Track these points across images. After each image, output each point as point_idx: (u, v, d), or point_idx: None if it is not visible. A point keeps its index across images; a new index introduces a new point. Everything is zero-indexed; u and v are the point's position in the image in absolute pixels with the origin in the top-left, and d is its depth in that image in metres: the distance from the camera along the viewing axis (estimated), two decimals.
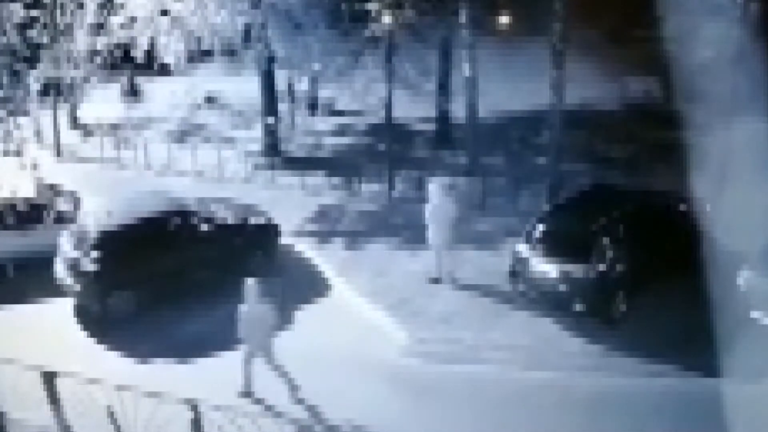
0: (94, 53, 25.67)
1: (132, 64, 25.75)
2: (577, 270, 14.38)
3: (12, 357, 11.84)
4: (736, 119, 16.14)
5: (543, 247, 15.06)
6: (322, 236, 18.93)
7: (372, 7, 20.50)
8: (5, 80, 17.35)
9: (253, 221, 17.60)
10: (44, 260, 16.13)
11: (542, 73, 19.62)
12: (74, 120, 28.82)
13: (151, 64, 24.09)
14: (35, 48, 22.79)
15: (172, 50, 22.66)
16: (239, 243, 16.91)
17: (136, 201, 17.11)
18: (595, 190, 16.64)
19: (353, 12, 22.19)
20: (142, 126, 28.51)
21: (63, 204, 18.58)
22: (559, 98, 19.08)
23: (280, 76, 26.00)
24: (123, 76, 31.27)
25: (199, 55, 23.73)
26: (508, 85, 27.52)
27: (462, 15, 21.10)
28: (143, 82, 32.17)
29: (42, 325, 15.27)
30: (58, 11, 24.31)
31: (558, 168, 19.61)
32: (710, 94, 15.81)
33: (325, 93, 28.78)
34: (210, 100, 30.72)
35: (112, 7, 23.38)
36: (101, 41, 24.66)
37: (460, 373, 13.58)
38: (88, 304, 15.72)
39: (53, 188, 19.14)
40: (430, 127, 25.54)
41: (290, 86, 28.18)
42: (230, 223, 17.18)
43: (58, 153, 25.71)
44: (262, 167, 23.84)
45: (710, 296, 12.52)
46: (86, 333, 15.26)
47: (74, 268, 15.51)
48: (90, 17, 24.62)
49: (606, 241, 14.40)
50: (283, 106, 26.86)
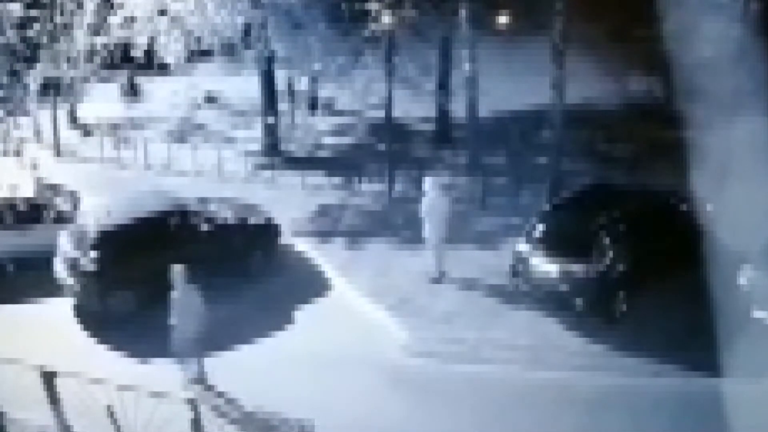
0: (93, 52, 25.55)
1: (131, 64, 25.68)
2: (578, 269, 14.37)
3: (12, 357, 11.82)
4: (737, 118, 16.13)
5: (544, 246, 15.05)
6: (323, 236, 18.90)
7: (372, 6, 20.47)
8: (4, 80, 17.28)
9: (253, 221, 17.57)
10: (44, 260, 16.09)
11: (543, 71, 19.60)
12: (74, 119, 28.79)
13: (151, 64, 24.04)
14: (34, 47, 22.67)
15: (171, 49, 22.57)
16: (239, 242, 16.88)
17: (135, 200, 17.07)
18: (596, 189, 16.62)
19: (353, 11, 22.15)
20: (142, 125, 28.48)
21: (63, 203, 18.56)
22: (559, 97, 19.07)
23: (280, 76, 25.96)
24: (122, 75, 31.23)
25: (199, 54, 23.65)
26: (509, 83, 27.48)
27: (462, 13, 21.10)
28: (143, 82, 32.14)
29: (42, 325, 15.23)
30: (58, 10, 24.21)
31: (559, 167, 19.60)
32: (711, 92, 15.80)
33: (325, 92, 28.76)
34: (210, 100, 30.67)
35: (112, 7, 23.31)
36: (101, 40, 24.55)
37: (461, 372, 13.55)
38: (88, 304, 15.70)
39: (53, 188, 19.12)
40: (430, 126, 25.52)
41: (290, 85, 28.15)
42: (230, 222, 17.15)
43: (58, 152, 25.68)
44: (262, 167, 23.81)
45: (711, 295, 12.49)
46: (86, 332, 15.23)
47: (74, 267, 15.48)
48: (89, 16, 24.50)
49: (607, 240, 14.39)
50: (283, 106, 26.82)
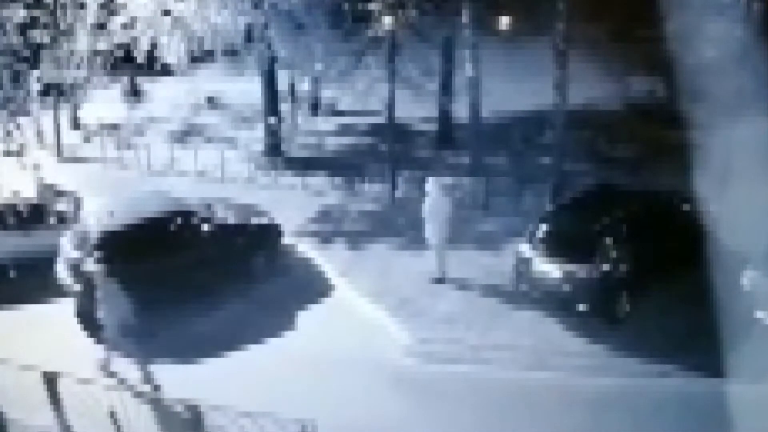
0: (95, 54, 25.58)
1: (133, 65, 25.68)
2: (581, 270, 14.35)
3: (13, 358, 11.82)
4: (740, 119, 16.08)
5: (546, 247, 15.02)
6: (325, 236, 18.89)
7: (374, 7, 20.46)
8: (6, 81, 17.27)
9: (255, 222, 17.56)
10: (45, 261, 16.08)
11: (545, 72, 19.62)
12: (75, 120, 28.76)
13: (153, 65, 24.04)
14: (36, 48, 22.70)
15: (173, 51, 22.57)
16: (241, 243, 16.86)
17: (137, 201, 17.08)
18: (599, 190, 16.60)
19: (355, 12, 22.14)
20: (144, 127, 28.47)
21: (64, 205, 18.55)
22: (562, 98, 19.08)
23: (282, 77, 25.96)
24: (124, 76, 31.22)
25: (201, 55, 23.65)
26: (511, 84, 27.46)
27: (464, 15, 21.08)
28: (145, 83, 32.14)
29: (43, 327, 15.22)
30: (60, 12, 24.24)
31: (561, 168, 19.60)
32: (714, 93, 15.74)
33: (327, 93, 28.71)
34: (212, 101, 30.67)
35: (114, 8, 23.32)
36: (102, 42, 24.60)
37: (462, 373, 13.56)
38: (90, 305, 15.67)
39: (54, 189, 19.10)
40: (432, 127, 25.48)
41: (292, 86, 28.14)
42: (232, 223, 17.13)
43: (60, 154, 25.67)
44: (264, 168, 23.80)
45: (714, 296, 12.46)
46: (87, 334, 15.21)
47: (76, 268, 15.47)
48: (91, 18, 24.54)
49: (609, 241, 14.38)
50: (285, 107, 26.81)
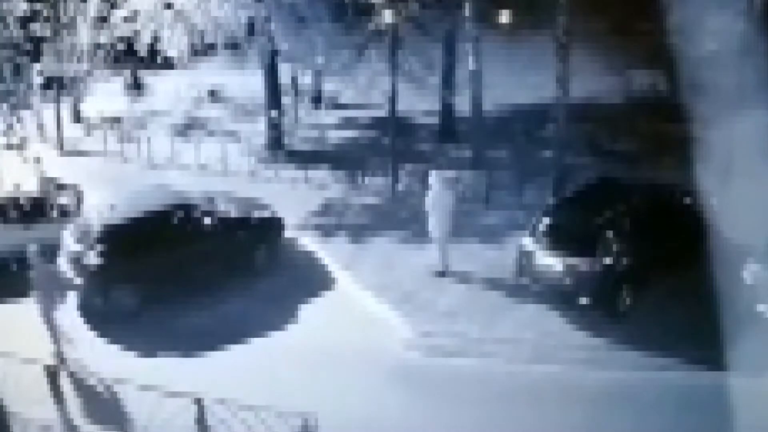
0: (97, 47, 25.60)
1: (135, 58, 25.66)
2: (583, 264, 14.35)
3: (15, 351, 11.83)
4: (742, 112, 16.06)
5: (548, 240, 15.03)
6: (327, 230, 18.88)
7: (376, 0, 20.41)
8: (8, 74, 17.28)
9: (257, 215, 17.57)
10: (47, 255, 16.06)
11: (547, 66, 19.60)
12: (77, 114, 28.76)
13: (155, 58, 24.03)
14: (38, 42, 22.70)
15: (175, 44, 22.58)
16: (243, 237, 16.87)
17: (139, 195, 17.06)
18: (601, 183, 16.59)
19: (357, 6, 22.11)
20: (146, 120, 28.45)
21: (66, 198, 18.57)
22: (564, 91, 19.04)
23: (284, 70, 25.94)
24: (126, 69, 31.18)
25: (203, 48, 23.63)
26: (513, 78, 27.46)
27: (466, 8, 21.05)
28: (146, 76, 32.11)
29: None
30: (61, 5, 24.24)
31: (563, 161, 19.58)
32: (715, 87, 15.72)
33: (329, 87, 28.71)
34: (213, 94, 30.66)
35: (115, 1, 23.31)
36: (104, 35, 24.60)
37: (464, 366, 13.58)
38: (92, 299, 15.70)
39: (56, 182, 19.10)
40: (434, 121, 25.46)
41: (294, 80, 28.11)
42: (234, 217, 17.14)
43: (61, 147, 25.67)
44: (266, 161, 23.80)
45: (715, 290, 12.48)
46: (90, 327, 15.23)
47: (77, 262, 15.49)
48: (93, 11, 24.55)
49: (611, 235, 14.38)
50: (286, 100, 26.78)
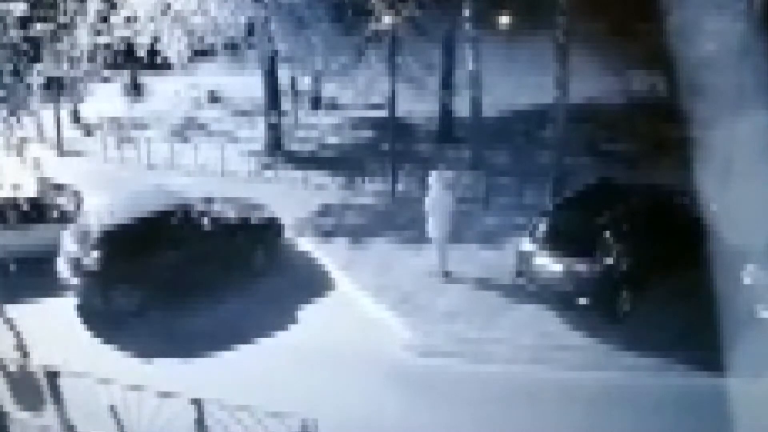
0: (96, 51, 25.61)
1: (134, 62, 25.69)
2: (582, 266, 14.33)
3: (13, 355, 11.82)
4: (741, 114, 16.06)
5: (547, 243, 15.01)
6: (326, 234, 18.87)
7: (375, 2, 20.41)
8: (7, 78, 17.30)
9: (256, 218, 17.56)
10: (46, 258, 16.09)
11: (546, 68, 19.60)
12: (76, 117, 28.80)
13: (154, 62, 24.04)
14: (37, 46, 22.72)
15: (174, 48, 22.58)
16: (242, 240, 16.86)
17: (138, 198, 17.06)
18: (600, 185, 16.57)
19: (356, 8, 22.12)
20: (145, 124, 28.47)
21: (65, 202, 18.55)
22: (563, 93, 19.05)
23: (283, 74, 25.95)
24: (125, 71, 31.22)
25: (202, 52, 23.65)
26: (512, 80, 27.47)
27: (465, 10, 21.05)
28: (145, 80, 32.15)
29: (44, 324, 15.23)
30: (60, 9, 24.26)
31: (562, 163, 19.57)
32: (715, 88, 15.71)
33: (328, 88, 28.72)
34: (213, 98, 30.69)
35: (114, 5, 23.32)
36: (103, 39, 24.61)
37: (464, 370, 13.54)
38: (91, 303, 15.69)
39: (56, 186, 19.11)
40: (433, 125, 25.47)
41: (293, 84, 28.13)
42: (233, 220, 17.12)
43: (60, 149, 25.69)
44: (265, 165, 23.79)
45: (715, 292, 12.45)
46: (89, 331, 15.23)
47: (76, 264, 15.48)
48: (92, 15, 24.56)
49: (610, 237, 14.35)
50: (286, 104, 26.80)
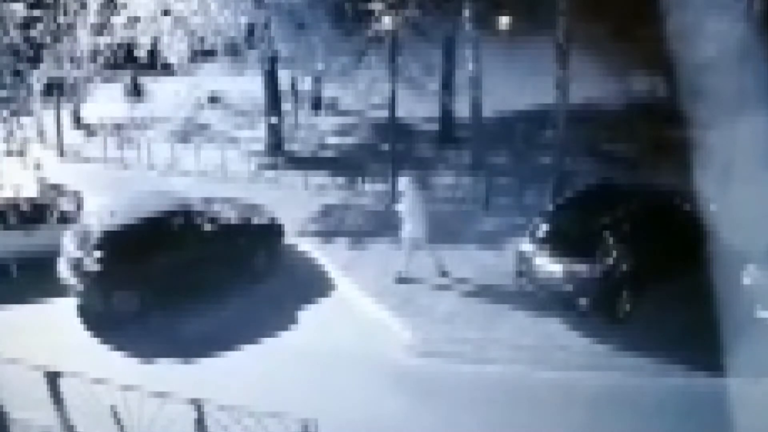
0: (96, 53, 25.56)
1: (135, 64, 25.68)
2: (582, 268, 14.35)
3: (15, 357, 11.82)
4: (741, 117, 16.08)
5: (548, 245, 15.03)
6: (326, 235, 18.89)
7: (375, 5, 20.43)
8: (8, 80, 17.27)
9: (257, 220, 17.56)
10: (47, 260, 16.10)
11: (547, 71, 19.60)
12: (77, 119, 28.78)
13: (154, 64, 24.04)
14: (38, 47, 22.66)
15: (175, 50, 22.57)
16: (243, 242, 16.86)
17: (139, 200, 17.09)
18: (600, 188, 16.60)
19: (356, 11, 22.12)
20: (146, 125, 28.46)
21: (66, 203, 18.54)
22: (563, 96, 19.06)
23: (284, 76, 25.95)
24: (126, 75, 31.20)
25: (203, 54, 23.65)
26: (513, 83, 27.45)
27: (466, 13, 21.07)
28: (146, 82, 32.11)
29: (45, 325, 15.24)
30: (61, 10, 24.24)
31: (562, 166, 19.58)
32: (715, 91, 15.74)
33: (328, 92, 28.72)
34: (213, 100, 30.64)
35: (115, 7, 23.32)
36: (104, 41, 24.59)
37: (464, 372, 13.55)
38: (92, 304, 15.71)
39: (56, 188, 19.09)
40: (434, 126, 25.48)
41: (293, 85, 28.11)
42: (234, 222, 17.13)
43: (61, 153, 25.67)
44: (266, 167, 23.80)
45: (715, 294, 12.46)
46: (90, 333, 15.23)
47: (77, 267, 15.48)
48: (92, 16, 24.54)
49: (611, 240, 14.36)
50: (286, 106, 26.79)
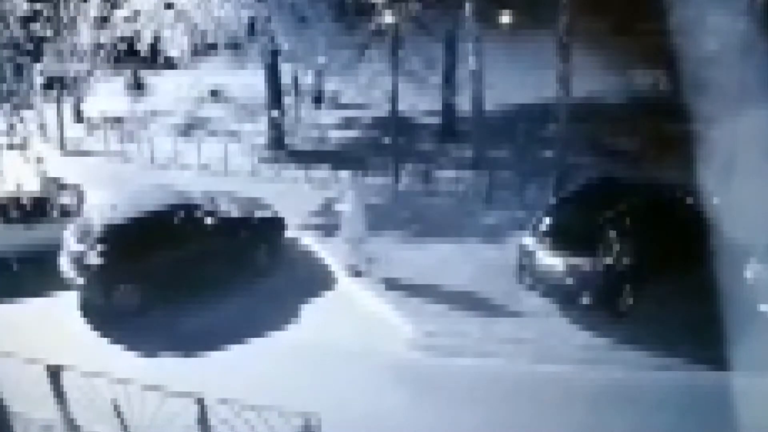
0: (98, 47, 25.58)
1: (136, 58, 25.65)
2: (584, 263, 14.35)
3: (17, 351, 11.83)
4: (743, 111, 16.07)
5: (550, 240, 15.03)
6: (328, 229, 18.86)
7: (377, 0, 20.40)
8: (9, 74, 17.25)
9: (258, 215, 17.56)
10: (49, 254, 16.10)
11: (548, 65, 19.60)
12: (79, 114, 28.76)
13: (156, 58, 24.02)
14: (39, 41, 22.66)
15: (176, 44, 22.55)
16: (245, 236, 16.87)
17: (140, 195, 17.07)
18: (602, 183, 16.59)
19: (358, 5, 22.10)
20: (147, 120, 28.45)
21: (67, 198, 18.53)
22: (565, 91, 19.04)
23: (285, 70, 25.93)
24: (127, 69, 31.15)
25: (204, 48, 23.62)
26: (514, 77, 27.43)
27: (467, 7, 21.04)
28: (148, 76, 32.09)
29: (47, 320, 15.25)
30: (62, 4, 24.23)
31: (564, 161, 19.58)
32: (717, 86, 15.74)
33: (330, 86, 28.70)
34: (215, 94, 30.64)
35: (116, 1, 23.31)
36: (105, 35, 24.59)
37: (466, 366, 13.56)
38: (93, 298, 15.71)
39: (58, 182, 19.08)
40: (435, 121, 25.47)
41: (295, 79, 28.08)
42: (235, 216, 17.13)
43: (63, 147, 25.68)
44: (267, 161, 23.80)
45: (717, 289, 12.47)
46: (91, 327, 15.24)
47: (79, 262, 15.48)
48: (94, 10, 24.54)
49: (613, 234, 14.37)
50: (288, 100, 26.78)
